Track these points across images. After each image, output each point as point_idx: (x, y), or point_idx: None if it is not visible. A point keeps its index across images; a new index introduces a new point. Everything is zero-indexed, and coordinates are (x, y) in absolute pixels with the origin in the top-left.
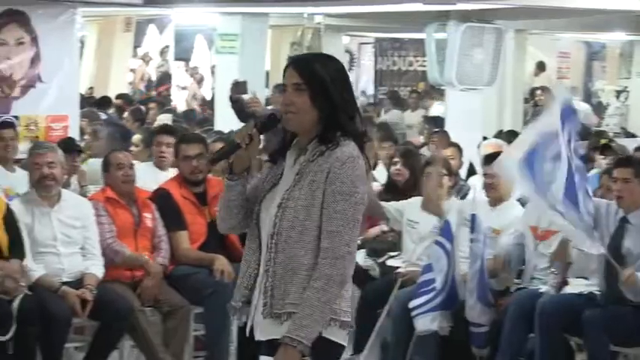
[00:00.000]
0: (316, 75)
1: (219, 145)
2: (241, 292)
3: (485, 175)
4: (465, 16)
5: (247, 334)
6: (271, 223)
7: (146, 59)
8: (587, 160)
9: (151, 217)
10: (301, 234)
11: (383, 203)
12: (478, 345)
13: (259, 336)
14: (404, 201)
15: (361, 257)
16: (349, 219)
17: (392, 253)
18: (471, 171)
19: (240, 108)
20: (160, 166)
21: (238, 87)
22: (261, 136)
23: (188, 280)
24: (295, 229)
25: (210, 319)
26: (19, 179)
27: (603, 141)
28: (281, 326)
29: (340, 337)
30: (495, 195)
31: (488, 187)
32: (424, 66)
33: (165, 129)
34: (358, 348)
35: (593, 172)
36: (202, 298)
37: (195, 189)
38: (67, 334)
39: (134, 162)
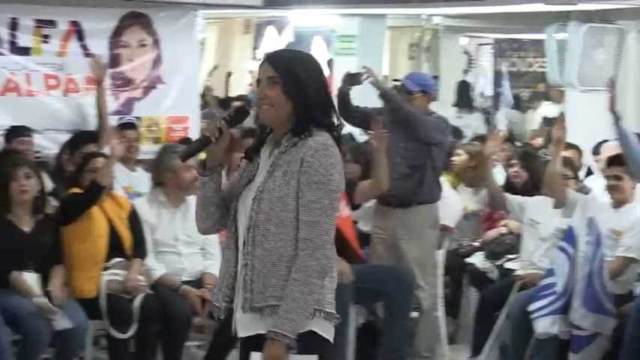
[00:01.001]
0: (289, 68)
1: None
2: (223, 292)
3: (608, 177)
4: (586, 17)
5: (233, 334)
6: (247, 217)
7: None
8: None
9: None
10: (278, 226)
11: (507, 195)
12: (575, 349)
13: (241, 332)
14: (528, 198)
15: (480, 260)
16: (326, 207)
17: (510, 256)
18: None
19: (345, 101)
20: None
21: (352, 79)
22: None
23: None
24: (272, 221)
25: None
26: (140, 179)
27: None
28: (262, 320)
29: (325, 328)
30: (619, 197)
31: (612, 189)
32: (544, 67)
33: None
34: (476, 350)
35: None
36: None
37: None
38: (188, 333)
39: None
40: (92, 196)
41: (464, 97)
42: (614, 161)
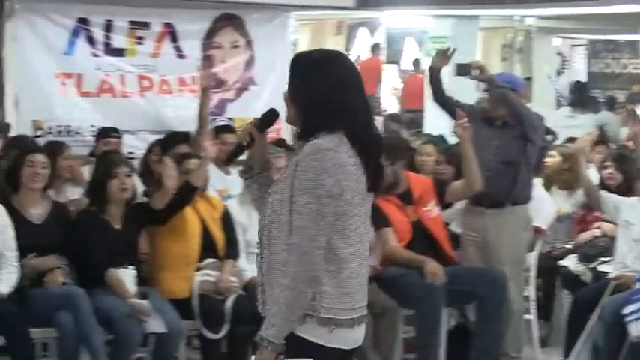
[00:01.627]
0: (292, 72)
1: (429, 148)
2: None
3: None
4: None
5: None
6: (261, 220)
7: (357, 62)
8: None
9: None
10: (278, 229)
11: (603, 194)
12: None
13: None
14: (623, 198)
15: (572, 262)
16: (313, 213)
17: (604, 259)
18: None
19: (436, 79)
20: None
21: (462, 68)
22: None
23: (399, 281)
24: (274, 224)
25: (421, 321)
26: (234, 182)
27: None
28: None
29: (319, 333)
30: None
31: None
32: (638, 68)
33: None
34: (569, 353)
35: None
36: (413, 300)
37: (395, 190)
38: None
39: None
40: (185, 197)
41: (579, 97)
42: None
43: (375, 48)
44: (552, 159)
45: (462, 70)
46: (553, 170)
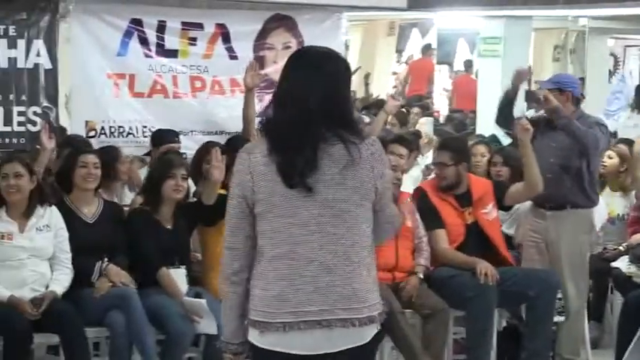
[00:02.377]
0: None
1: (482, 148)
2: None
3: None
4: None
5: None
6: None
7: (409, 62)
8: None
9: (412, 218)
10: None
11: None
12: None
13: None
14: None
15: (624, 264)
16: (230, 213)
17: None
18: None
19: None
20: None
21: (532, 96)
22: None
23: (450, 282)
24: None
25: (472, 322)
26: None
27: None
28: None
29: (252, 336)
30: None
31: None
32: None
33: (398, 139)
34: (620, 356)
35: None
36: (464, 301)
37: (454, 191)
38: None
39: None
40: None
41: None
42: None
43: (426, 49)
44: (609, 160)
45: (531, 97)
46: (609, 171)
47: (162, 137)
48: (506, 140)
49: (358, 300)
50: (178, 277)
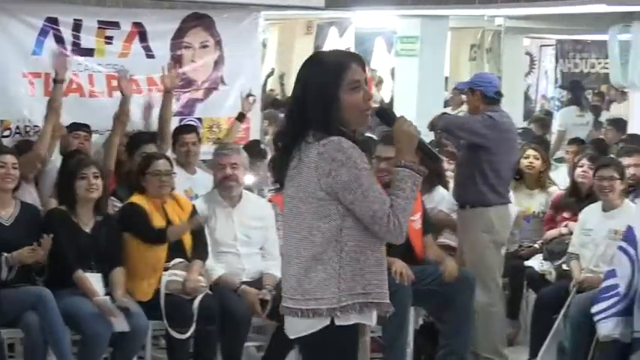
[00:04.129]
0: None
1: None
2: None
3: (600, 178)
4: None
5: None
6: None
7: None
8: None
9: None
10: None
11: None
12: (636, 350)
13: None
14: (579, 219)
15: (537, 262)
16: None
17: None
18: None
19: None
20: None
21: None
22: None
23: None
24: None
25: (388, 320)
26: (200, 181)
27: None
28: None
29: None
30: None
31: (603, 191)
32: (607, 68)
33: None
34: (535, 352)
35: None
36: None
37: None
38: (247, 333)
39: None
40: (154, 241)
41: (575, 96)
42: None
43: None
44: (536, 161)
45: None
46: (535, 172)
47: (73, 127)
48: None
49: (304, 291)
50: (94, 279)
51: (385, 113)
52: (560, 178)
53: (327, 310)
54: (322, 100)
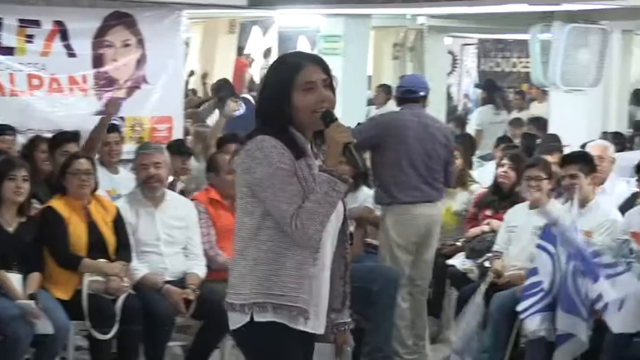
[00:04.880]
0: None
1: None
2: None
3: (563, 177)
4: (570, 17)
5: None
6: (340, 223)
7: (249, 60)
8: None
9: None
10: None
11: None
12: (558, 346)
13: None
14: (505, 218)
15: (460, 261)
16: None
17: (490, 254)
18: None
19: None
20: None
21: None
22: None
23: None
24: None
25: None
26: (122, 181)
27: None
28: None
29: None
30: (580, 196)
31: (569, 189)
32: (528, 67)
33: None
34: None
35: None
36: None
37: None
38: (171, 333)
39: None
40: (66, 266)
41: (490, 95)
42: (567, 160)
43: (268, 53)
44: (457, 160)
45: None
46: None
47: None
48: None
49: (232, 286)
50: (16, 280)
51: (326, 115)
52: (485, 176)
53: (240, 306)
54: (274, 99)
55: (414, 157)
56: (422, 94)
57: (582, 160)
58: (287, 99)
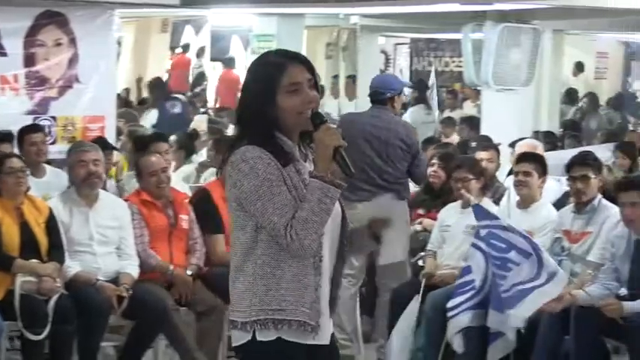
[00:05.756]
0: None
1: None
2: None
3: (517, 173)
4: (501, 17)
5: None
6: (338, 230)
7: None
8: None
9: (187, 219)
10: None
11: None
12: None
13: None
14: (439, 217)
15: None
16: None
17: (423, 253)
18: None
19: None
20: None
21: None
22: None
23: (226, 278)
24: None
25: None
26: (50, 183)
27: None
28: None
29: None
30: (526, 193)
31: (521, 185)
32: (460, 66)
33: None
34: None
35: None
36: None
37: None
38: (105, 328)
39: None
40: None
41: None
42: (523, 157)
43: (229, 62)
44: None
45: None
46: None
47: None
48: None
49: (233, 303)
50: None
51: (315, 117)
52: None
53: (242, 324)
54: (258, 103)
55: (360, 158)
56: (389, 95)
57: (538, 161)
58: (271, 101)
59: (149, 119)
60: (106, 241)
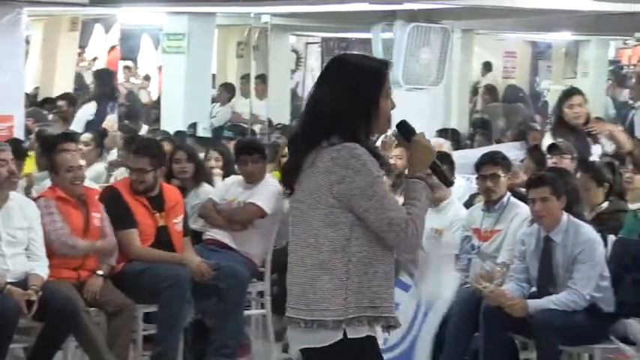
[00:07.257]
0: None
1: (167, 146)
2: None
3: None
4: (411, 16)
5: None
6: None
7: (92, 59)
8: None
9: (99, 217)
10: None
11: None
12: None
13: None
14: None
15: None
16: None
17: None
18: None
19: None
20: None
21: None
22: None
23: (143, 275)
24: None
25: (165, 311)
26: None
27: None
28: None
29: None
30: (437, 194)
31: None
32: None
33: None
34: None
35: None
36: (159, 292)
37: (148, 193)
38: (12, 333)
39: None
40: None
41: None
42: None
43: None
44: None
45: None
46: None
47: None
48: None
49: (307, 301)
50: None
51: (405, 125)
52: None
53: (333, 322)
54: (364, 105)
55: None
56: None
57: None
58: (378, 104)
59: (86, 111)
60: (15, 242)
